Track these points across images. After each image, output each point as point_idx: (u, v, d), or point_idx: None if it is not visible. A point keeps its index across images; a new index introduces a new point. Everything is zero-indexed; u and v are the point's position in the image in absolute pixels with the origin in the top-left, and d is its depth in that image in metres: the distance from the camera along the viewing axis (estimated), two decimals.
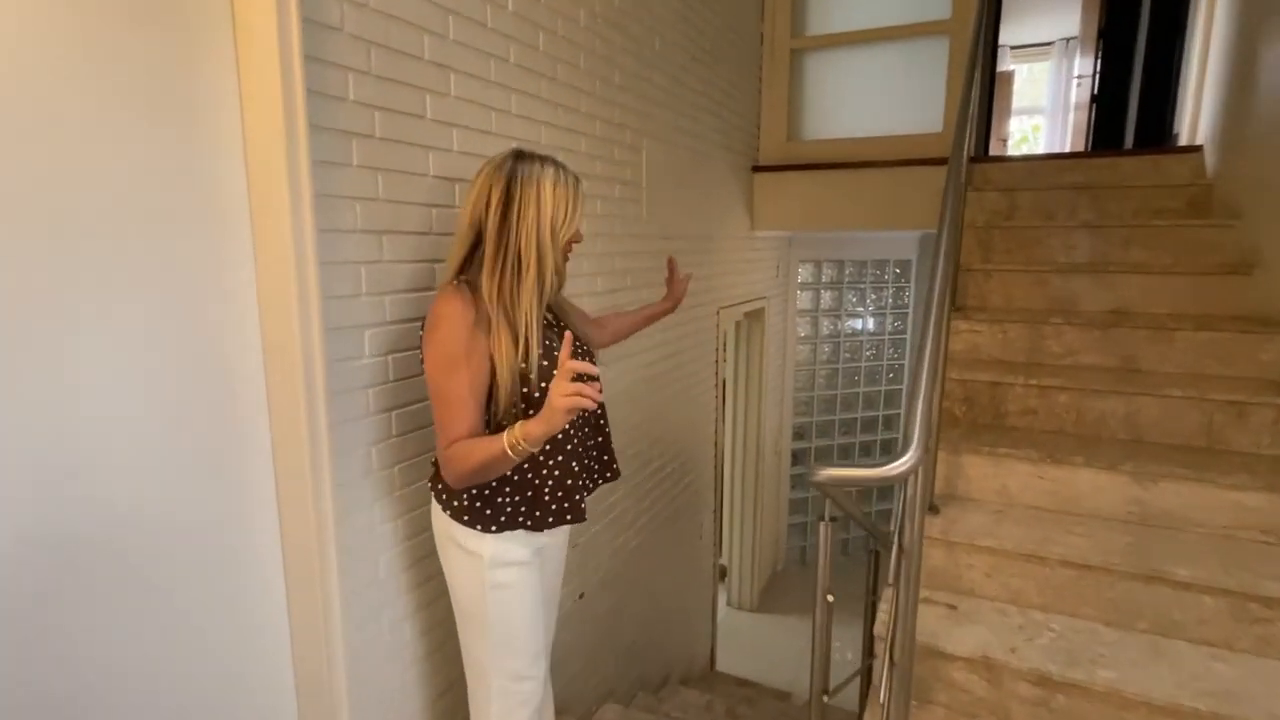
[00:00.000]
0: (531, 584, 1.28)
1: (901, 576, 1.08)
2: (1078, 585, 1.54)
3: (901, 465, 0.95)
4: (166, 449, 1.06)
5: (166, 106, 1.01)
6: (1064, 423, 1.94)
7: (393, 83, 1.28)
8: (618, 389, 2.21)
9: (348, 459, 1.26)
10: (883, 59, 3.31)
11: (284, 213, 1.09)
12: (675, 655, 3.01)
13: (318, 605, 1.23)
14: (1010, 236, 2.55)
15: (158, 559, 1.07)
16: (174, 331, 1.05)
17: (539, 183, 1.16)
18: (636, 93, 2.20)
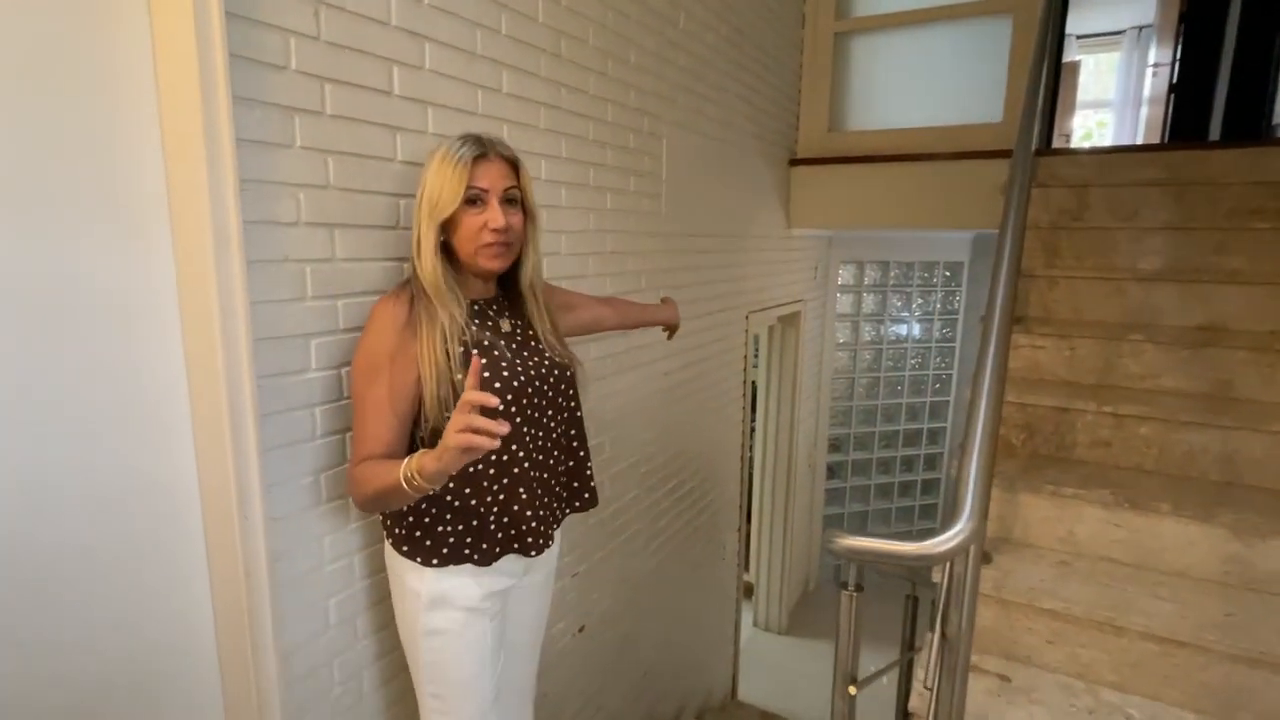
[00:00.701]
0: (476, 633, 1.11)
1: (944, 670, 0.85)
2: (1162, 663, 1.27)
3: (951, 540, 0.72)
4: (76, 480, 0.89)
5: (67, 72, 0.84)
6: (1144, 459, 1.65)
7: (349, 51, 1.09)
8: (628, 400, 2.00)
9: (288, 489, 1.08)
10: (936, 42, 3.02)
11: (201, 201, 0.92)
12: (691, 685, 2.80)
13: (247, 663, 1.05)
14: (1080, 239, 2.25)
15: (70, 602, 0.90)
16: (84, 341, 0.88)
17: (429, 163, 1.06)
18: (657, 74, 1.98)
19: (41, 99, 0.83)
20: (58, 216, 0.85)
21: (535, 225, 1.13)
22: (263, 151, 0.99)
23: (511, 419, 1.09)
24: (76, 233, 0.87)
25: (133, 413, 0.95)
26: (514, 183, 1.08)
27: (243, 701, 1.08)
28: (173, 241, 0.96)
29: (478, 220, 1.06)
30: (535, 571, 1.24)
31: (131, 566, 0.97)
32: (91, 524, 0.92)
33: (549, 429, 1.17)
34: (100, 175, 0.89)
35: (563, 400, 1.19)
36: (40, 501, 0.87)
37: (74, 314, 0.88)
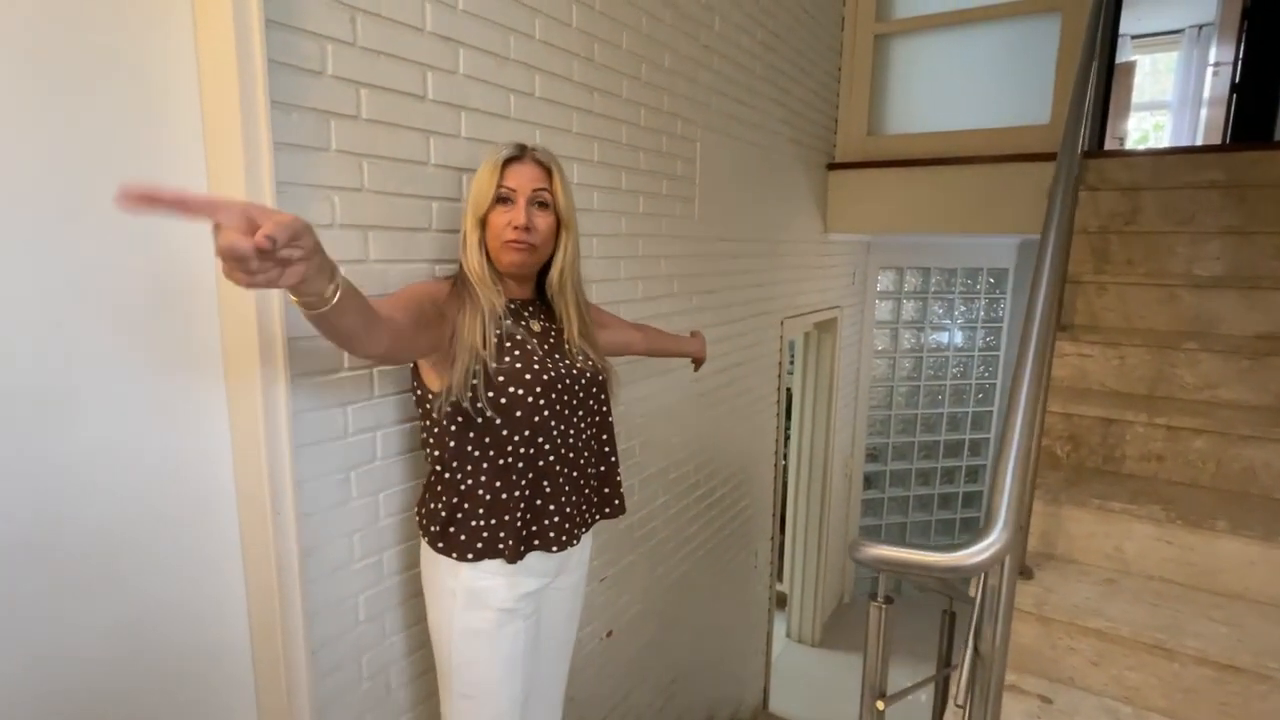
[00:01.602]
0: (510, 634, 1.12)
1: (978, 689, 0.81)
2: (1218, 690, 1.20)
3: (983, 551, 0.69)
4: (122, 464, 0.93)
5: (116, 81, 0.88)
6: (1199, 474, 1.57)
7: (385, 56, 1.11)
8: (657, 406, 1.99)
9: (319, 485, 1.10)
10: (981, 42, 2.94)
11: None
12: (722, 694, 2.76)
13: (278, 656, 1.07)
14: (1131, 243, 2.17)
15: (99, 584, 0.94)
16: (125, 336, 0.92)
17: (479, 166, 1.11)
18: (691, 79, 1.97)
19: (91, 106, 0.86)
20: (106, 218, 0.89)
21: (568, 231, 1.14)
22: (299, 155, 1.01)
23: (540, 412, 1.09)
24: (122, 233, 0.90)
25: (171, 411, 0.98)
26: (544, 186, 1.10)
27: (274, 693, 1.10)
28: None
29: (504, 218, 1.09)
30: (567, 574, 1.24)
31: (168, 560, 1.00)
32: (131, 519, 0.96)
33: (579, 429, 1.17)
34: (145, 177, 0.92)
35: (593, 403, 1.19)
36: (81, 499, 0.91)
37: (118, 313, 0.91)
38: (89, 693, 0.94)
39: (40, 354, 0.85)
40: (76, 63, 0.85)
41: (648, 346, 1.55)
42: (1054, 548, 1.53)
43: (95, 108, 0.87)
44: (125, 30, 0.88)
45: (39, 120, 0.83)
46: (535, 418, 1.10)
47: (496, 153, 1.10)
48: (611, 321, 1.47)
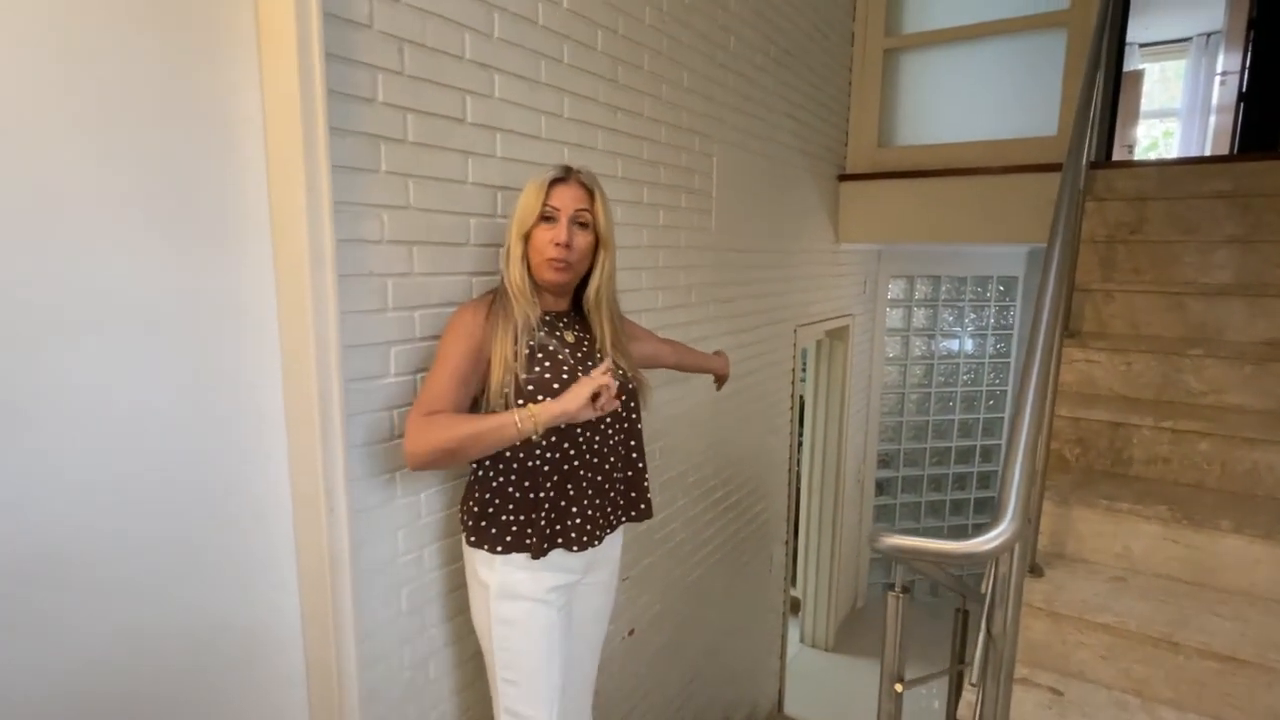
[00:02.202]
0: (543, 624, 1.19)
1: (990, 669, 0.87)
2: (1222, 682, 1.25)
3: (994, 540, 0.75)
4: (179, 469, 1.00)
5: (183, 108, 0.96)
6: (1205, 476, 1.62)
7: (428, 83, 1.20)
8: (677, 411, 2.06)
9: (368, 485, 1.18)
10: (989, 56, 3.01)
11: (300, 222, 1.02)
12: (737, 696, 2.81)
13: (329, 636, 1.15)
14: (1138, 252, 2.22)
15: (170, 579, 1.01)
16: (188, 347, 1.00)
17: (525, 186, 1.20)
18: (707, 96, 2.05)
19: (165, 134, 0.95)
20: (175, 237, 0.97)
21: (606, 250, 1.22)
22: (353, 176, 1.09)
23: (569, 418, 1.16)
24: (190, 251, 0.99)
25: (233, 413, 1.06)
26: (586, 207, 1.17)
27: (324, 679, 1.17)
28: (274, 258, 1.07)
29: (547, 235, 1.16)
30: (598, 571, 1.30)
31: (226, 554, 1.07)
32: (190, 515, 1.03)
33: (606, 435, 1.24)
34: (212, 200, 1.00)
35: (622, 411, 1.26)
36: (145, 497, 0.98)
37: (184, 324, 0.99)
38: (147, 685, 1.01)
39: (114, 366, 0.93)
40: (157, 95, 0.93)
41: (676, 360, 1.62)
42: (1064, 547, 1.58)
43: (172, 137, 0.95)
44: (198, 65, 0.97)
45: (130, 146, 0.91)
46: (563, 423, 1.17)
47: (543, 173, 1.18)
48: (643, 335, 1.54)
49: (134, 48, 0.91)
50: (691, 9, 1.92)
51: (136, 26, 0.91)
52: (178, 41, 0.94)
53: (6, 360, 0.83)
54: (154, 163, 0.94)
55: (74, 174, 0.87)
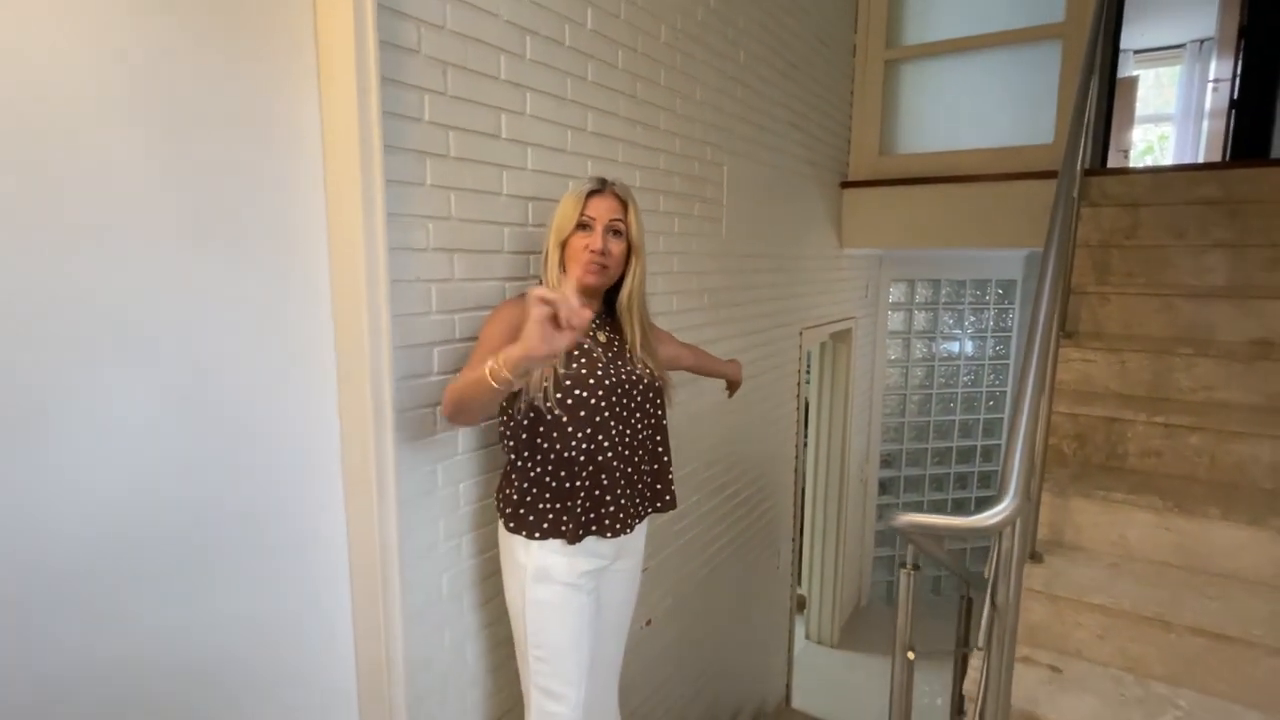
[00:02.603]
0: (574, 608, 1.27)
1: (995, 637, 0.96)
2: (1211, 657, 1.34)
3: (997, 515, 0.84)
4: (245, 458, 1.09)
5: (251, 128, 1.05)
6: (1195, 468, 1.71)
7: (468, 102, 1.29)
8: (690, 412, 2.15)
9: (413, 476, 1.27)
10: (987, 67, 3.11)
11: (357, 231, 1.11)
12: (748, 689, 2.89)
13: (379, 618, 1.23)
14: (1131, 256, 2.32)
15: (236, 561, 1.10)
16: (253, 346, 1.08)
17: (563, 197, 1.29)
18: (718, 108, 2.15)
19: (233, 152, 1.04)
20: (240, 246, 1.06)
21: (638, 257, 1.31)
22: (402, 190, 1.18)
23: (601, 413, 1.25)
24: (254, 259, 1.07)
25: (290, 413, 1.14)
26: (620, 217, 1.26)
27: (373, 654, 1.25)
28: (330, 265, 1.16)
29: (583, 241, 1.25)
30: (624, 559, 1.39)
31: (283, 541, 1.16)
32: (253, 501, 1.12)
33: (635, 430, 1.33)
34: (275, 212, 1.09)
35: (650, 407, 1.35)
36: (213, 490, 1.07)
37: (249, 325, 1.08)
38: (204, 653, 1.10)
39: (189, 364, 1.02)
40: (224, 115, 1.02)
41: (694, 363, 1.70)
42: (1062, 536, 1.67)
43: (236, 153, 1.04)
44: (262, 87, 1.06)
45: (198, 160, 1.00)
46: (596, 417, 1.26)
47: (580, 185, 1.28)
48: (667, 339, 1.63)
49: (206, 70, 1.00)
50: (704, 26, 2.02)
51: (209, 51, 1.00)
52: (245, 66, 1.03)
53: (92, 362, 0.92)
54: (219, 177, 1.03)
55: (150, 188, 0.96)
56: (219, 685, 1.10)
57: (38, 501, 0.89)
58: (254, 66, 1.04)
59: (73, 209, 0.88)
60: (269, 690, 1.17)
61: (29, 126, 0.84)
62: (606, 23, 1.62)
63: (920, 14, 3.21)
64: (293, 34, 1.08)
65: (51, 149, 0.86)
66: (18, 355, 0.85)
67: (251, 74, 1.04)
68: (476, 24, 1.29)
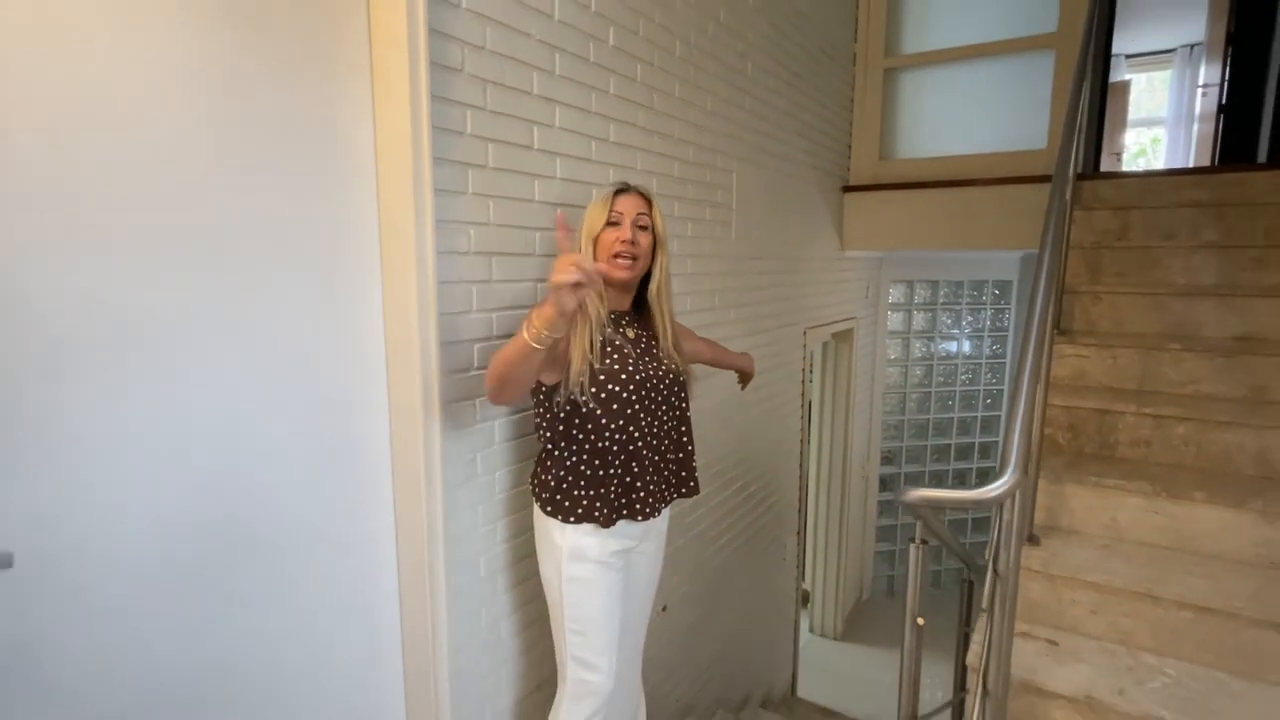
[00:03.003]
0: (606, 584, 1.37)
1: (996, 602, 1.06)
2: (1197, 629, 1.44)
3: (998, 488, 0.94)
4: (303, 451, 1.19)
5: (313, 144, 1.15)
6: (1182, 456, 1.81)
7: (505, 117, 1.39)
8: (704, 406, 2.24)
9: (455, 464, 1.36)
10: (982, 75, 3.23)
11: (409, 237, 1.21)
12: (755, 677, 2.98)
13: (425, 599, 1.33)
14: (1122, 257, 2.42)
15: (289, 546, 1.19)
16: (309, 344, 1.18)
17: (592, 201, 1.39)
18: (727, 117, 2.25)
19: (297, 166, 1.14)
20: (311, 248, 1.16)
21: (663, 251, 1.41)
22: (448, 198, 1.28)
23: (632, 405, 1.35)
24: (324, 260, 1.17)
25: (344, 404, 1.24)
26: (645, 212, 1.36)
27: (419, 630, 1.35)
28: (382, 267, 1.26)
29: (613, 235, 1.35)
30: (650, 540, 1.49)
31: (335, 526, 1.26)
32: (323, 488, 1.21)
33: (662, 421, 1.42)
34: (334, 219, 1.19)
35: (675, 400, 1.45)
36: (272, 487, 1.17)
37: (310, 324, 1.18)
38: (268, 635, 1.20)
39: (261, 360, 1.12)
40: (292, 132, 1.12)
41: (711, 357, 1.80)
42: (1058, 521, 1.77)
43: (301, 165, 1.14)
44: (321, 106, 1.16)
45: (274, 174, 1.10)
46: (628, 410, 1.35)
47: (606, 189, 1.38)
48: (687, 335, 1.73)
49: (279, 95, 1.09)
50: (715, 40, 2.12)
51: (275, 74, 1.09)
52: (307, 86, 1.13)
53: (178, 359, 1.02)
54: (280, 184, 1.12)
55: (225, 198, 1.05)
56: (284, 664, 1.20)
57: (131, 498, 0.98)
58: (318, 90, 1.14)
59: (165, 213, 0.98)
60: (327, 662, 1.26)
61: (134, 148, 0.94)
62: (626, 39, 1.72)
63: (918, 24, 3.33)
64: (351, 61, 1.18)
65: (149, 165, 0.96)
66: (126, 339, 0.95)
67: (316, 97, 1.14)
68: (512, 43, 1.39)
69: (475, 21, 1.30)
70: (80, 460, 0.93)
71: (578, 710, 1.37)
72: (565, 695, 1.39)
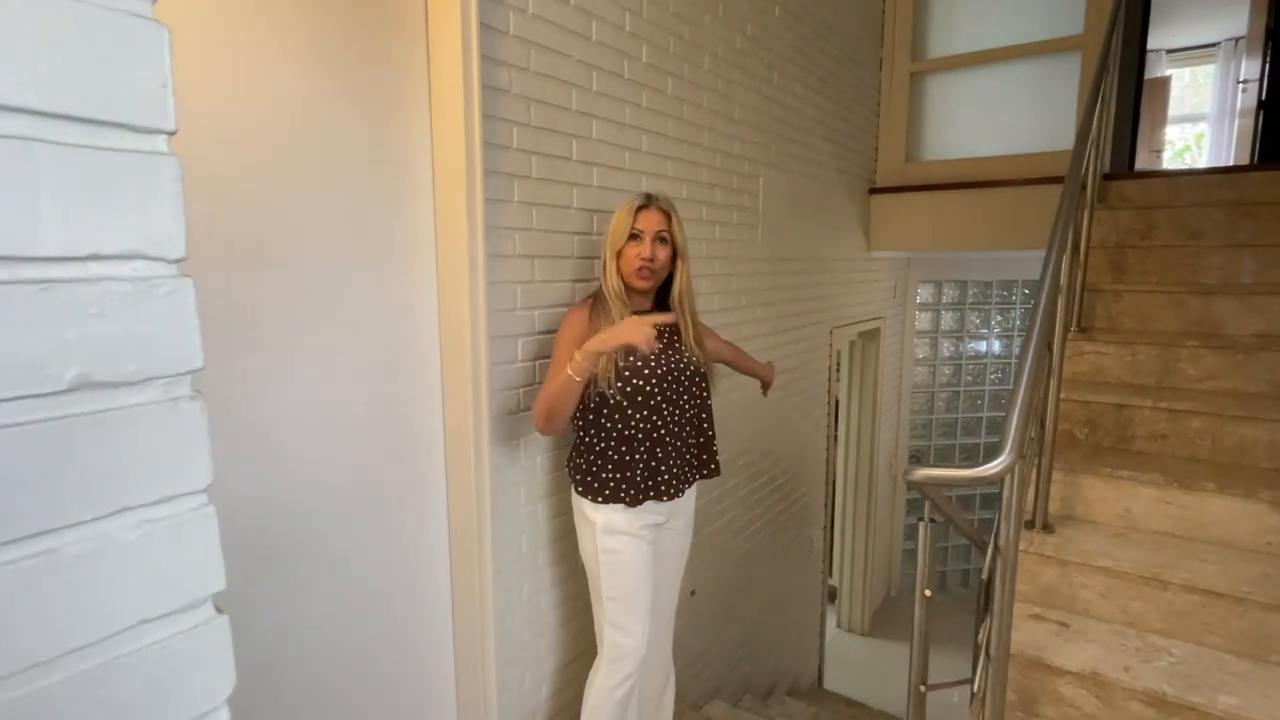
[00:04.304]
0: (637, 554, 1.50)
1: (998, 576, 1.15)
2: (1203, 612, 1.50)
3: (996, 466, 1.03)
4: (364, 436, 1.33)
5: (380, 162, 1.29)
6: (1197, 449, 1.86)
7: (547, 131, 1.52)
8: (732, 401, 2.35)
9: (501, 448, 1.50)
10: (1008, 77, 3.27)
11: (462, 242, 1.35)
12: (783, 666, 3.07)
13: (475, 569, 1.46)
14: (1146, 256, 2.46)
15: (348, 525, 1.34)
16: (375, 338, 1.33)
17: (616, 212, 1.50)
18: (754, 125, 2.36)
19: (367, 179, 1.28)
20: (377, 253, 1.30)
21: (683, 259, 1.53)
22: (497, 206, 1.42)
23: (654, 397, 1.47)
24: (387, 264, 1.32)
25: (404, 389, 1.38)
26: (664, 227, 1.48)
27: (469, 598, 1.48)
28: (438, 269, 1.40)
29: (635, 250, 1.47)
30: (677, 518, 1.60)
31: (394, 502, 1.40)
32: (380, 469, 1.36)
33: (684, 409, 1.54)
34: (395, 225, 1.33)
35: (696, 390, 1.56)
36: (338, 475, 1.31)
37: (373, 322, 1.32)
38: (329, 604, 1.34)
39: (329, 351, 1.26)
40: (365, 152, 1.27)
41: (732, 358, 1.89)
42: (1073, 511, 1.83)
43: (365, 179, 1.28)
44: (386, 124, 1.30)
45: (345, 191, 1.24)
46: (652, 400, 1.47)
47: (630, 201, 1.49)
48: (710, 335, 1.83)
49: (338, 111, 1.24)
50: (742, 52, 2.23)
51: (341, 94, 1.24)
52: (371, 106, 1.28)
53: (255, 348, 1.17)
54: (351, 198, 1.27)
55: (303, 205, 1.20)
56: (364, 625, 1.34)
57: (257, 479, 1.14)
58: (387, 115, 1.29)
59: (265, 228, 1.13)
60: (389, 626, 1.41)
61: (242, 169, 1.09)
62: (658, 56, 1.84)
63: (944, 29, 3.38)
64: (413, 91, 1.33)
65: (254, 184, 1.11)
66: (240, 349, 1.10)
67: (384, 120, 1.29)
68: (554, 64, 1.52)
69: (521, 46, 1.43)
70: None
71: (615, 672, 1.49)
72: (603, 659, 1.52)
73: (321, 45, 1.19)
